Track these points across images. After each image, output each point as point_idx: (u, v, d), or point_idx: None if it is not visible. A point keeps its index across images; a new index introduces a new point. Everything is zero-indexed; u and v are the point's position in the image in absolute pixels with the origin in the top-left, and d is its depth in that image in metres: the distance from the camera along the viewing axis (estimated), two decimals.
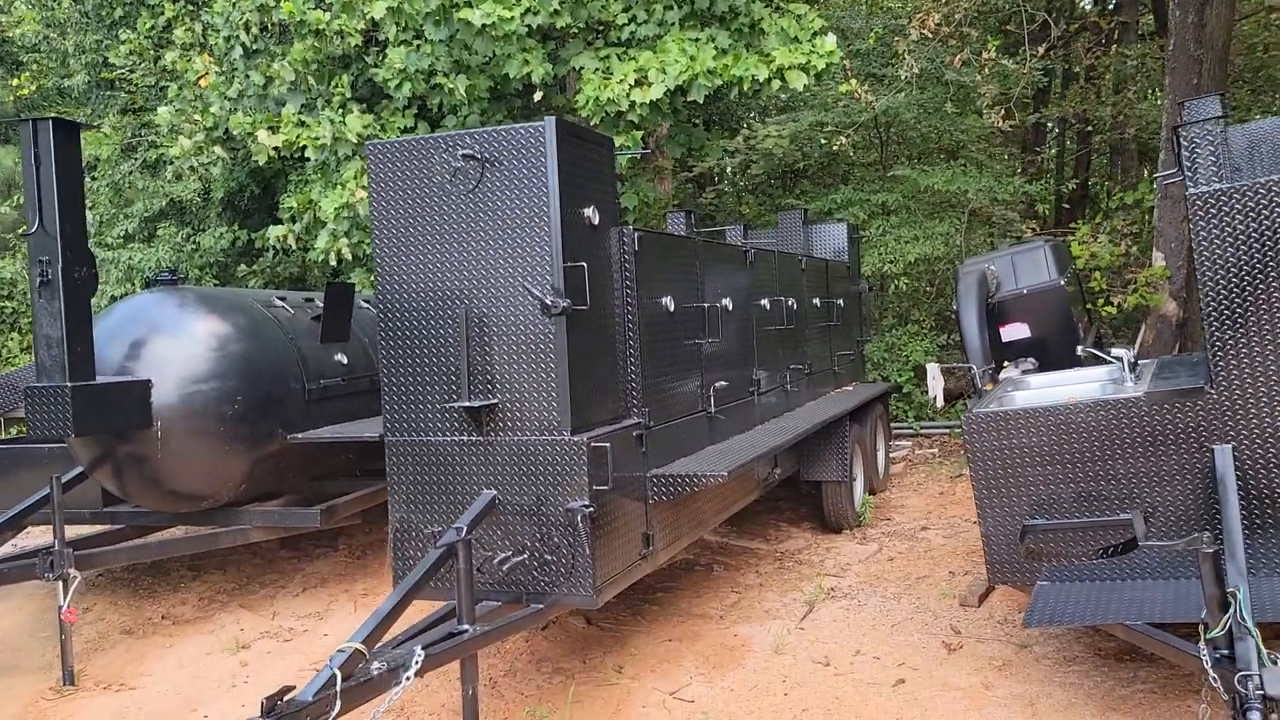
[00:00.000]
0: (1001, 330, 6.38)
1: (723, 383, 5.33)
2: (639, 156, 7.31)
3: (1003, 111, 9.38)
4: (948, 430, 9.63)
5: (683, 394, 4.92)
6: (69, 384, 4.55)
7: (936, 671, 4.32)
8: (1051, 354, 5.99)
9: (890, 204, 10.84)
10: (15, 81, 12.61)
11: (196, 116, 8.50)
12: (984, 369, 5.65)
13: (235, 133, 8.05)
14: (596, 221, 4.17)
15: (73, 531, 5.31)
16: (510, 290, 4.00)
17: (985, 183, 10.48)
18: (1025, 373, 5.47)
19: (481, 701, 3.75)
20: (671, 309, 4.73)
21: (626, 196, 8.27)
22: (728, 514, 5.56)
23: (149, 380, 5.09)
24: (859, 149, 12.60)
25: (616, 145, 6.46)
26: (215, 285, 10.61)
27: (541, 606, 4.01)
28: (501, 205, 4.00)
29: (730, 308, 5.53)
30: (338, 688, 3.04)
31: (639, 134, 7.58)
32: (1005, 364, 5.92)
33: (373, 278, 6.23)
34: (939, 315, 11.09)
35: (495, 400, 4.02)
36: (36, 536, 6.42)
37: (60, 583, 4.71)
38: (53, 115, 4.50)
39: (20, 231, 13.05)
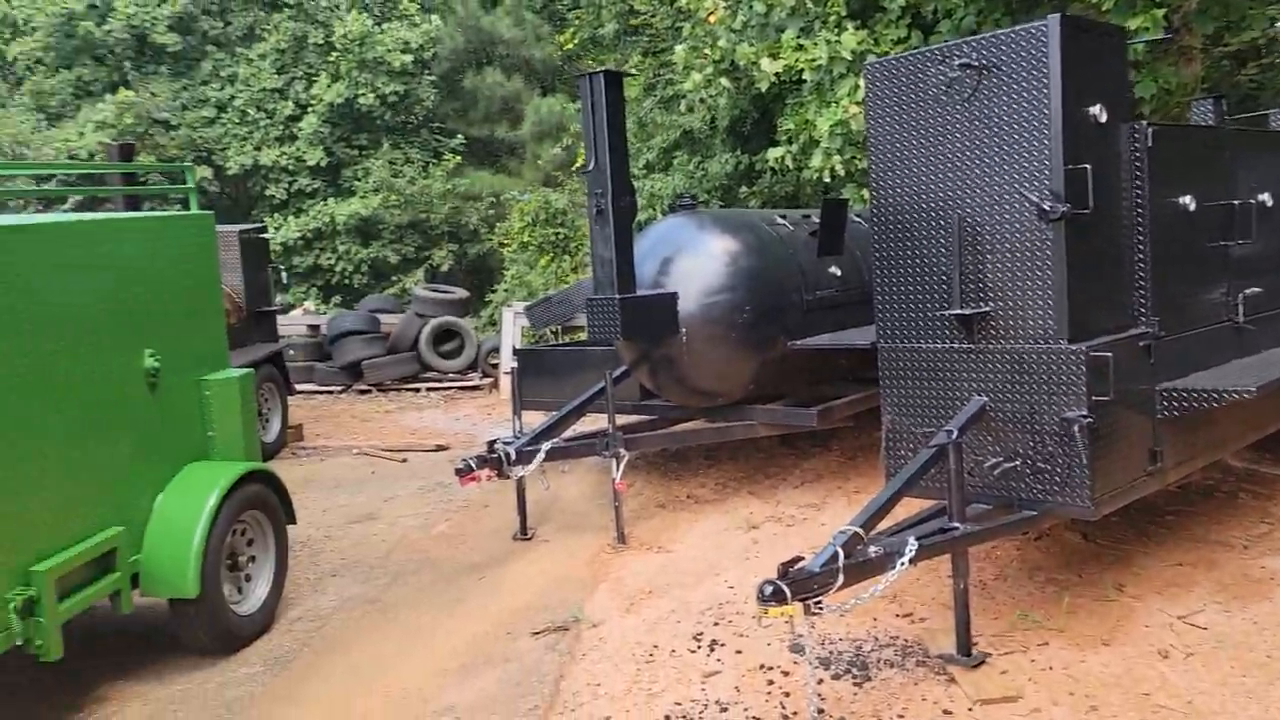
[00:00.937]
0: None
1: (1255, 289, 4.74)
2: (1159, 40, 6.54)
3: None
4: None
5: (1203, 302, 4.49)
6: (618, 296, 5.47)
7: None
8: None
9: None
10: (562, 37, 14.74)
11: (706, 51, 9.32)
12: None
13: (740, 63, 8.70)
14: (1103, 119, 3.95)
15: (620, 420, 6.39)
16: (1005, 197, 3.97)
17: None
18: None
19: (972, 600, 3.92)
20: (1192, 208, 4.31)
21: (1143, 85, 7.44)
22: (1257, 436, 4.98)
23: (675, 293, 5.90)
24: None
25: (1130, 30, 5.88)
26: (722, 207, 11.63)
27: (1035, 514, 4.03)
28: (998, 111, 3.97)
29: (1270, 204, 4.85)
30: (840, 563, 3.42)
31: (1160, 13, 6.77)
32: None
33: (865, 192, 6.46)
34: None
35: (988, 308, 4.06)
36: (588, 423, 7.82)
37: (613, 460, 5.75)
38: (604, 69, 5.35)
39: (575, 168, 15.29)
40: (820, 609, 3.36)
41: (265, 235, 8.97)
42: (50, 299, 3.80)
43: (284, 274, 10.67)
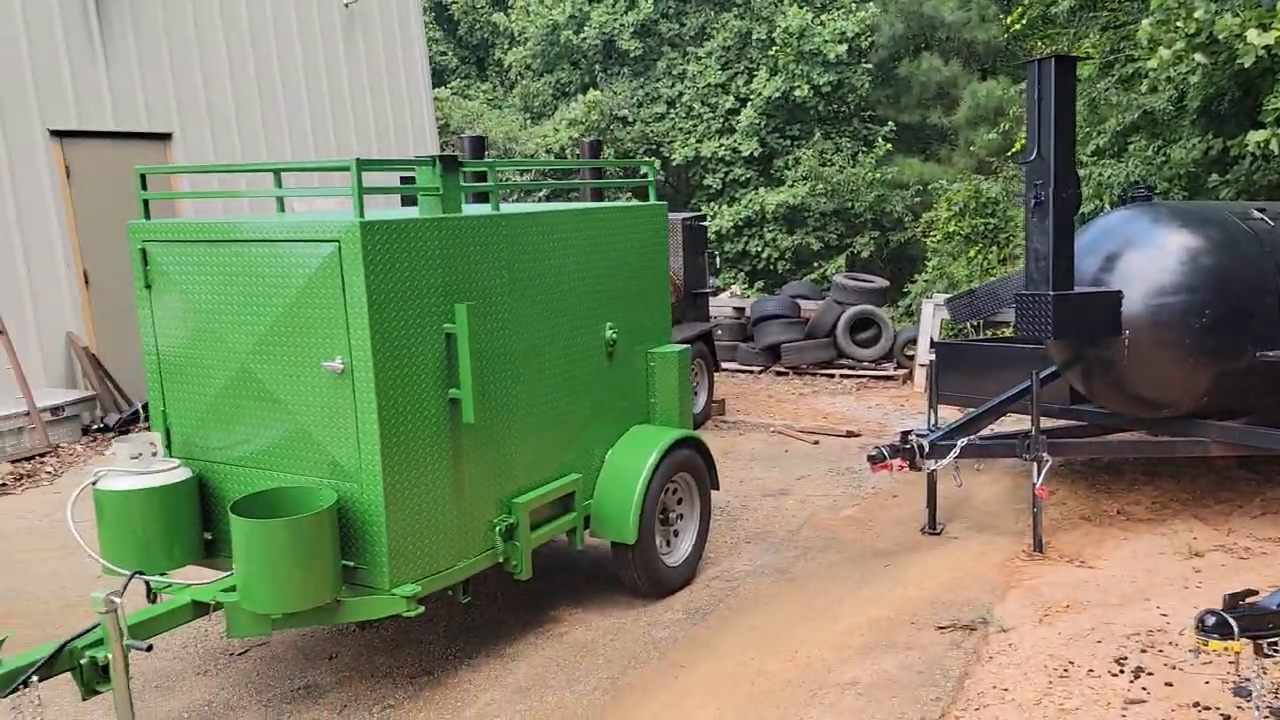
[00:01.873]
0: None
1: None
2: None
3: None
4: None
5: None
6: (1051, 293, 5.21)
7: None
8: None
9: None
10: (1009, 17, 13.98)
11: (1179, 24, 8.37)
12: None
13: (1220, 36, 7.71)
14: None
15: (1044, 423, 6.07)
16: None
17: None
18: None
19: None
20: None
21: None
22: None
23: (1119, 291, 5.47)
24: None
25: None
26: (1183, 198, 10.39)
27: None
28: None
29: None
30: None
31: None
32: None
33: None
34: None
35: None
36: (1004, 424, 7.48)
37: (1034, 463, 5.50)
38: (1055, 54, 5.09)
39: (1010, 155, 14.55)
40: (1276, 651, 3.01)
41: (704, 223, 9.68)
42: (543, 273, 4.52)
43: (717, 259, 11.44)
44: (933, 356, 6.85)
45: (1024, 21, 13.85)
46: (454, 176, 4.12)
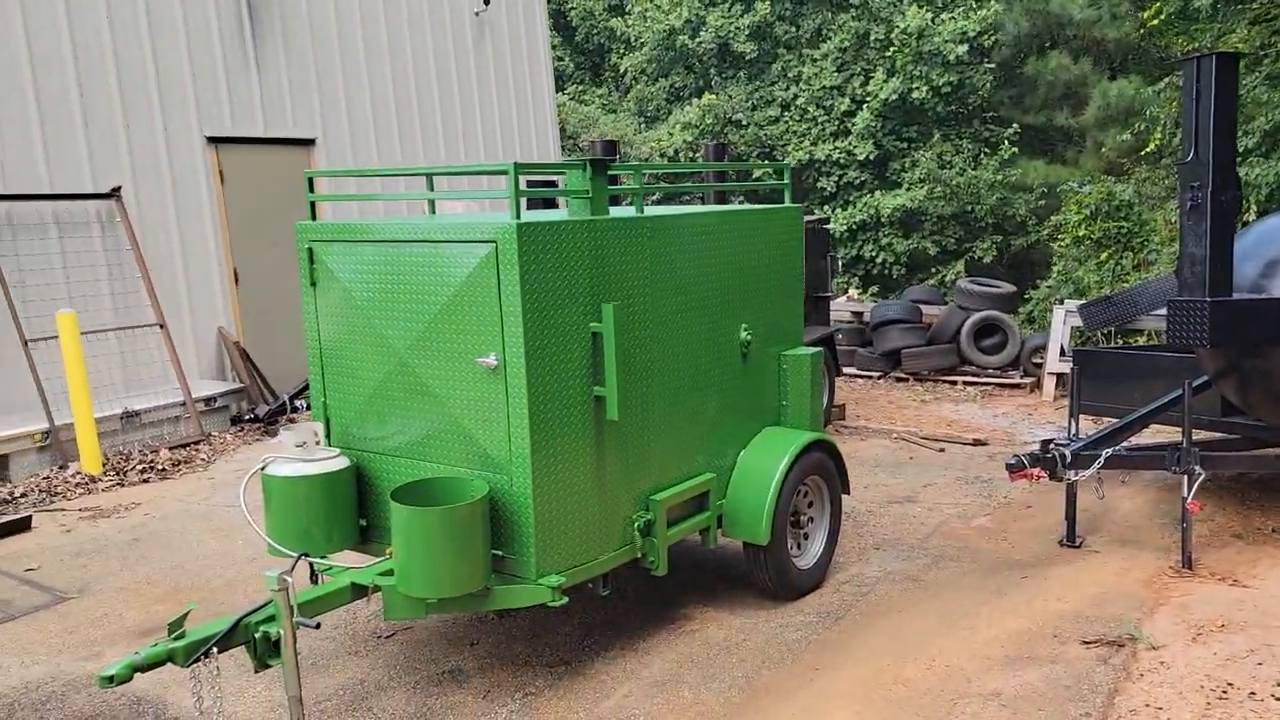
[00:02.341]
0: None
1: None
2: None
3: None
4: None
5: None
6: (1207, 299, 5.01)
7: None
8: None
9: None
10: (1145, 13, 13.44)
11: None
12: None
13: None
14: None
15: (1195, 435, 5.82)
16: None
17: None
18: None
19: None
20: None
21: None
22: None
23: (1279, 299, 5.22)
24: None
25: None
26: None
27: None
28: None
29: None
30: None
31: None
32: None
33: None
34: None
35: None
36: (1147, 435, 7.19)
37: (1185, 477, 5.29)
38: (1216, 50, 4.90)
39: (1144, 152, 13.96)
40: None
41: (828, 226, 9.61)
42: (683, 274, 4.58)
43: (839, 262, 11.35)
44: (1072, 364, 6.65)
45: (1161, 17, 13.30)
46: (602, 179, 4.22)
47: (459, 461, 4.10)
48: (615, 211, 4.50)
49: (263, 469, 4.21)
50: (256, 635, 3.69)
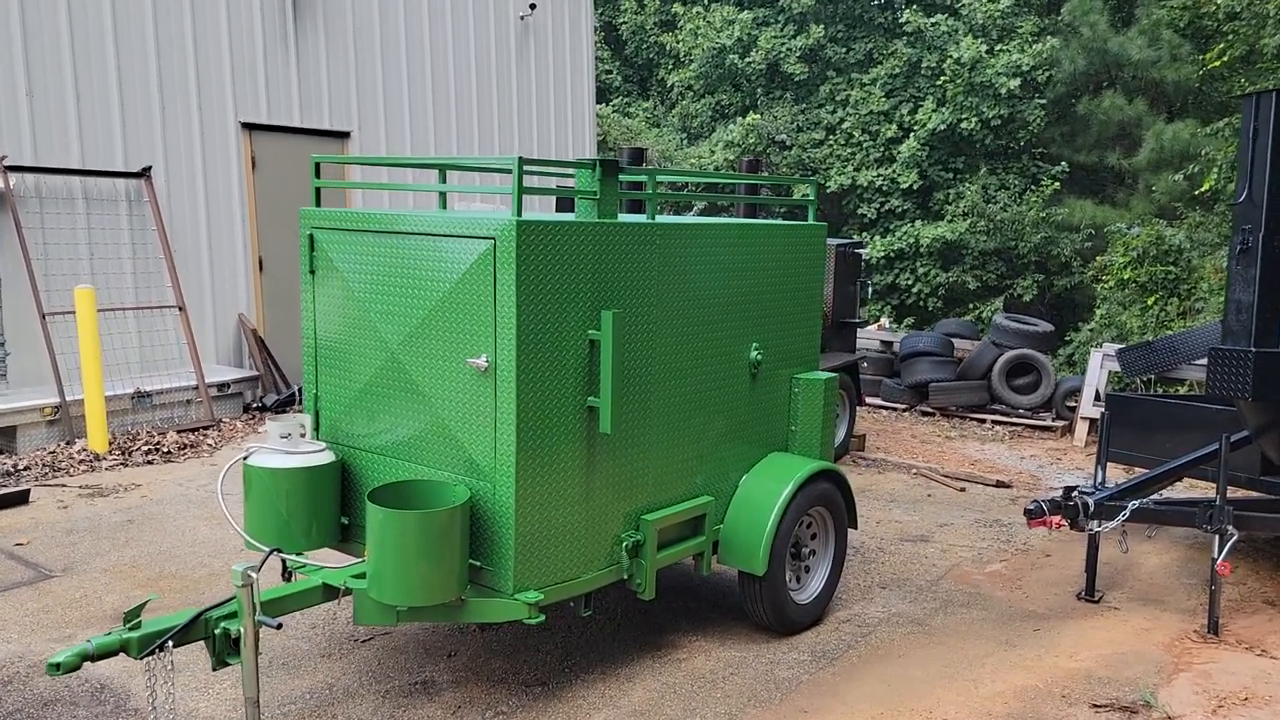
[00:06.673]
0: None
1: None
2: None
3: None
4: None
5: None
6: (1253, 349, 4.72)
7: None
8: None
9: None
10: (1207, 55, 13.07)
11: None
12: None
13: None
14: None
15: (1230, 493, 5.51)
16: None
17: None
18: None
19: None
20: None
21: None
22: None
23: None
24: None
25: None
26: None
27: None
28: None
29: None
30: None
31: None
32: None
33: None
34: None
35: None
36: (1178, 489, 6.86)
37: (1216, 536, 4.98)
38: (1277, 87, 4.63)
39: (1197, 192, 13.53)
40: None
41: (860, 252, 9.38)
42: (693, 286, 4.39)
43: (869, 289, 11.08)
44: (1104, 409, 6.35)
45: (1225, 59, 12.93)
46: (612, 182, 4.05)
47: (443, 465, 3.93)
48: (626, 218, 4.32)
49: (245, 459, 4.07)
50: (216, 631, 3.54)
